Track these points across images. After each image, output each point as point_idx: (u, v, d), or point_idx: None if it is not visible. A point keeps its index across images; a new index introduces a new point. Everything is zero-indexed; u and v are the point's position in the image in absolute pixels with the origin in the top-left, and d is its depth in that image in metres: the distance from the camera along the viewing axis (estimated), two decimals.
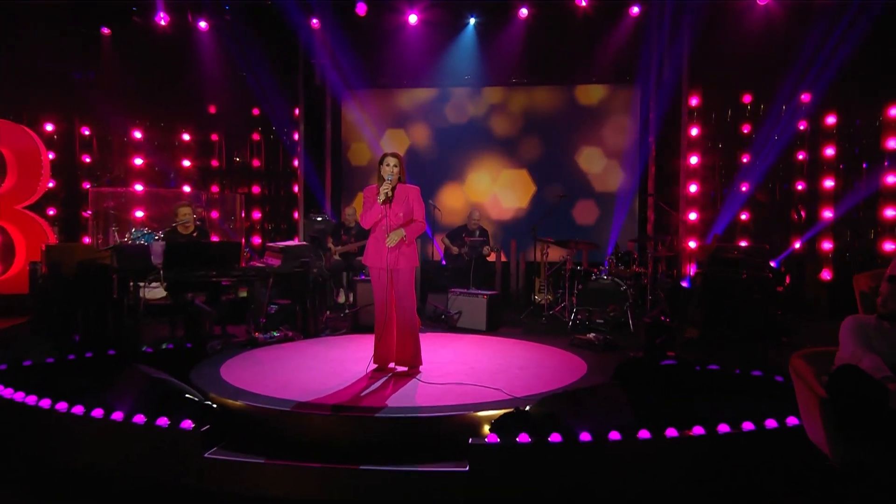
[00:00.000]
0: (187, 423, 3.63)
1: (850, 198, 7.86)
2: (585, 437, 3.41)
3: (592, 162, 9.39)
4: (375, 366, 4.87)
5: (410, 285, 4.56)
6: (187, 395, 3.86)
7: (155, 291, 6.51)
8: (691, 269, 7.85)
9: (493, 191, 9.54)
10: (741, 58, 8.36)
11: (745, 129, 8.79)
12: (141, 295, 5.75)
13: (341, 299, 8.06)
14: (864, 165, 7.86)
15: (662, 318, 5.06)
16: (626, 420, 3.65)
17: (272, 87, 9.50)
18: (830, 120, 8.24)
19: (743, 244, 7.74)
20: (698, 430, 3.48)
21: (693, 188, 9.07)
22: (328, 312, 6.98)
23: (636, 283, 6.94)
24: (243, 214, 9.42)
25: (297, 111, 9.72)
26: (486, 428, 3.71)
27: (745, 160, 8.73)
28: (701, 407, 4.07)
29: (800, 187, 8.49)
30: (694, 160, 9.04)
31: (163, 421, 3.65)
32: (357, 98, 9.70)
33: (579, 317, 6.81)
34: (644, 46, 8.88)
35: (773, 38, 8.06)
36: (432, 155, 9.51)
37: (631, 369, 4.54)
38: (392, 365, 4.91)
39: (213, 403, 3.90)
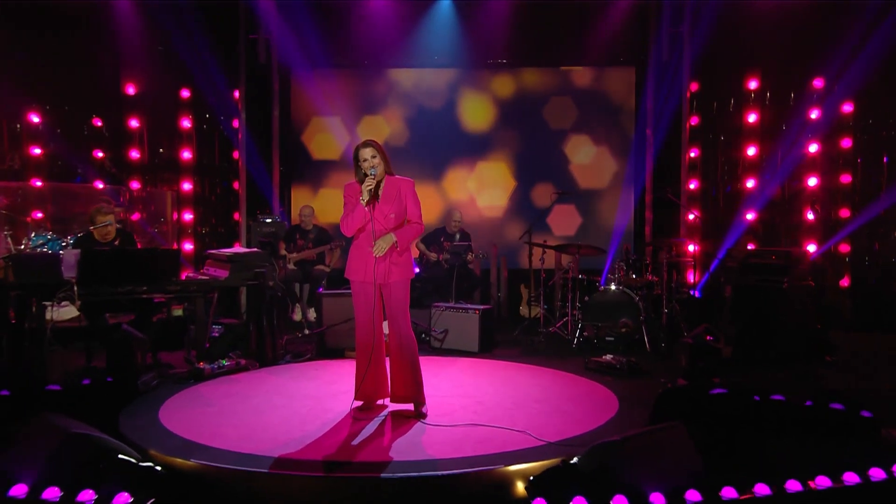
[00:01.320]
0: (122, 498, 2.89)
1: (873, 196, 7.67)
2: (659, 499, 2.86)
3: (582, 154, 8.98)
4: (359, 403, 4.26)
5: (405, 302, 4.04)
6: (120, 456, 3.10)
7: (65, 312, 5.70)
8: (691, 276, 7.45)
9: (470, 187, 9.05)
10: (750, 38, 8.11)
11: (752, 119, 8.53)
12: (47, 317, 4.92)
13: (297, 317, 7.34)
14: (885, 160, 7.66)
15: (707, 336, 4.61)
16: (695, 469, 3.12)
17: (207, 65, 8.68)
18: (847, 108, 8.06)
19: (750, 247, 7.45)
20: (793, 486, 2.99)
21: (692, 185, 8.78)
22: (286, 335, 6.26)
23: (648, 293, 6.50)
24: (175, 216, 8.53)
25: (237, 94, 8.91)
26: (521, 486, 3.18)
27: (750, 153, 8.46)
28: (774, 448, 3.59)
29: (812, 182, 8.28)
30: (693, 154, 8.74)
31: (87, 496, 2.90)
32: (319, 80, 9.01)
33: (585, 333, 6.34)
34: (646, 24, 8.62)
35: (788, 17, 7.83)
36: (403, 145, 8.98)
37: (674, 401, 4.04)
38: (382, 402, 4.32)
39: (156, 465, 3.15)
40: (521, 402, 4.45)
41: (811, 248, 7.95)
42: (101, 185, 8.32)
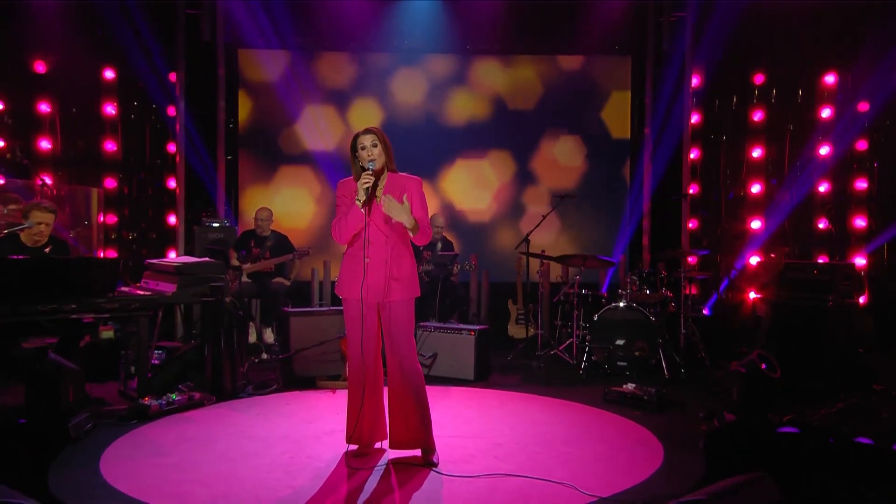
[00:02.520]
0: None
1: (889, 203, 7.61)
2: None
3: (571, 152, 8.72)
4: (354, 448, 3.83)
5: (408, 326, 3.69)
6: None
7: None
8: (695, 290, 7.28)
9: (448, 188, 8.70)
10: (759, 27, 8.01)
11: (757, 117, 8.42)
12: None
13: (252, 338, 6.78)
14: None
15: (762, 364, 4.31)
16: None
17: (138, 42, 8.02)
18: (863, 107, 8.01)
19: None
20: None
21: (692, 190, 8.62)
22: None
23: (662, 310, 6.24)
24: (102, 218, 7.81)
25: (174, 77, 8.27)
26: None
27: (755, 154, 8.36)
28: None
29: (822, 188, 8.20)
30: (693, 155, 8.59)
31: None
32: (276, 63, 8.49)
33: (594, 357, 6.03)
34: (644, 7, 8.46)
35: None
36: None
37: (731, 443, 3.70)
38: (380, 445, 3.91)
39: None
40: (547, 442, 4.08)
41: (860, 261, 7.81)
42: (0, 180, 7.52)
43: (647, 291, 6.20)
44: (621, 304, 6.06)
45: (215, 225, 7.48)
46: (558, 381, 5.78)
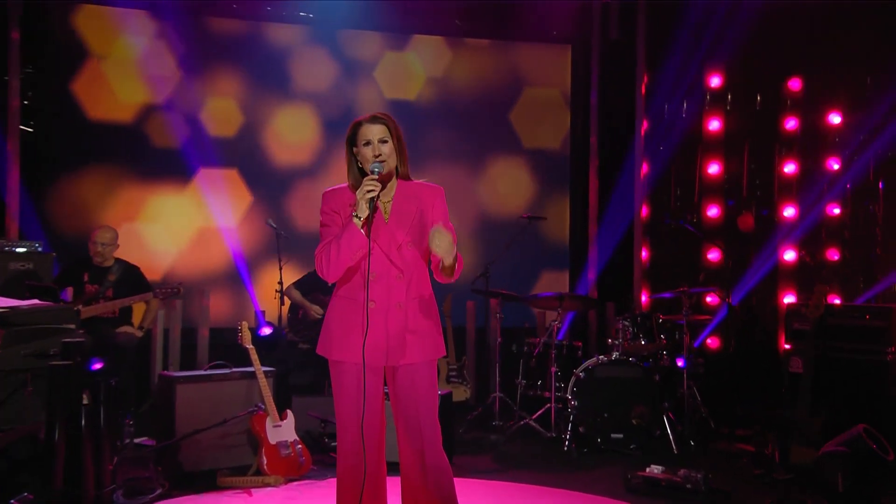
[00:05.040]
0: None
1: None
2: None
3: (506, 164, 8.36)
4: None
5: (433, 399, 3.25)
6: None
7: None
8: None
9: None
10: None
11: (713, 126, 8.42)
12: None
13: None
14: None
15: (873, 444, 3.96)
16: None
17: None
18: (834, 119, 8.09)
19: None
20: None
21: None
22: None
23: (655, 363, 5.93)
24: None
25: None
26: None
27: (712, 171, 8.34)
28: None
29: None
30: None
31: None
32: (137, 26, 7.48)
33: (581, 429, 5.63)
34: None
35: None
36: (268, 135, 7.80)
37: None
38: None
39: None
40: None
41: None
42: None
43: (643, 341, 5.85)
44: (612, 358, 5.72)
45: (19, 249, 6.18)
46: (543, 461, 5.40)
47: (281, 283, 6.43)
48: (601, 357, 5.80)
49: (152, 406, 5.64)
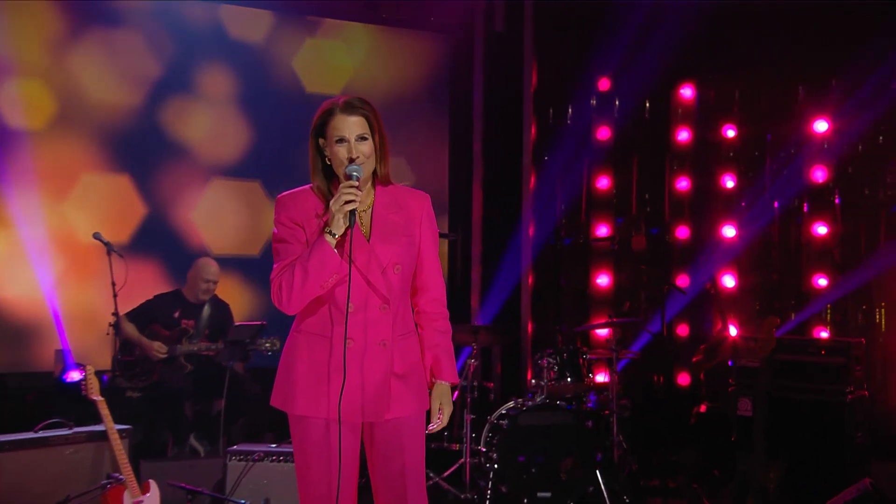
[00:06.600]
0: None
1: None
2: None
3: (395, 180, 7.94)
4: None
5: (420, 459, 3.13)
6: None
7: None
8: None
9: (196, 219, 7.50)
10: None
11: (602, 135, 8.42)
12: None
13: None
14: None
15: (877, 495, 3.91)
16: None
17: None
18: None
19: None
20: None
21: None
22: None
23: (579, 406, 5.69)
24: None
25: None
26: None
27: (601, 185, 8.34)
28: None
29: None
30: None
31: None
32: None
33: (503, 488, 5.34)
34: None
35: None
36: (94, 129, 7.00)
37: None
38: None
39: None
40: None
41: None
42: None
43: (569, 380, 5.61)
44: (537, 402, 5.50)
45: None
46: None
47: (116, 314, 5.85)
48: (520, 400, 5.58)
49: None
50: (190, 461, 5.51)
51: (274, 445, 5.19)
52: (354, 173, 2.85)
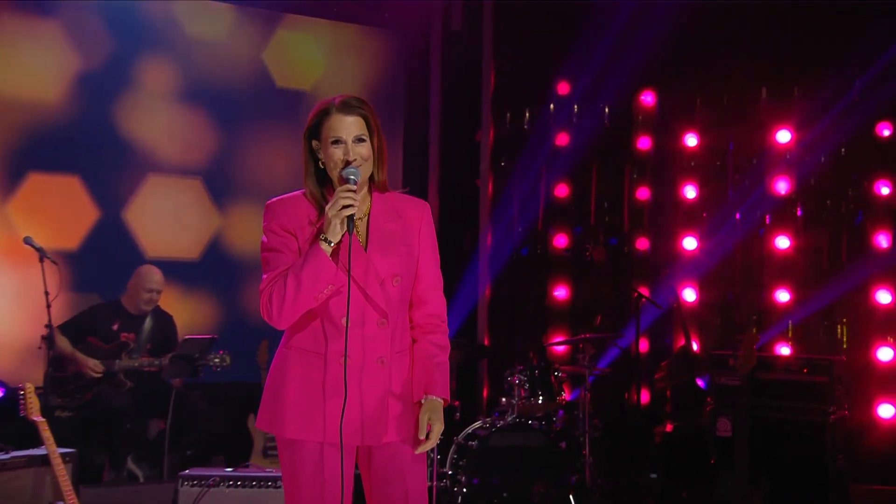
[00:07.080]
0: None
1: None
2: None
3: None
4: None
5: (422, 484, 3.06)
6: None
7: None
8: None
9: (131, 219, 7.31)
10: None
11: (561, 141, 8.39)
12: None
13: None
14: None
15: None
16: None
17: None
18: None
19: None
20: None
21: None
22: None
23: (549, 426, 5.68)
24: None
25: None
26: None
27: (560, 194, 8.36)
28: None
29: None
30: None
31: None
32: None
33: None
34: None
35: None
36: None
37: None
38: None
39: None
40: None
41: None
42: None
43: (541, 398, 5.55)
44: (507, 421, 5.47)
45: None
46: None
47: (50, 325, 5.62)
48: (489, 420, 5.55)
49: None
50: (133, 487, 5.45)
51: (229, 469, 5.07)
52: (352, 176, 2.76)
